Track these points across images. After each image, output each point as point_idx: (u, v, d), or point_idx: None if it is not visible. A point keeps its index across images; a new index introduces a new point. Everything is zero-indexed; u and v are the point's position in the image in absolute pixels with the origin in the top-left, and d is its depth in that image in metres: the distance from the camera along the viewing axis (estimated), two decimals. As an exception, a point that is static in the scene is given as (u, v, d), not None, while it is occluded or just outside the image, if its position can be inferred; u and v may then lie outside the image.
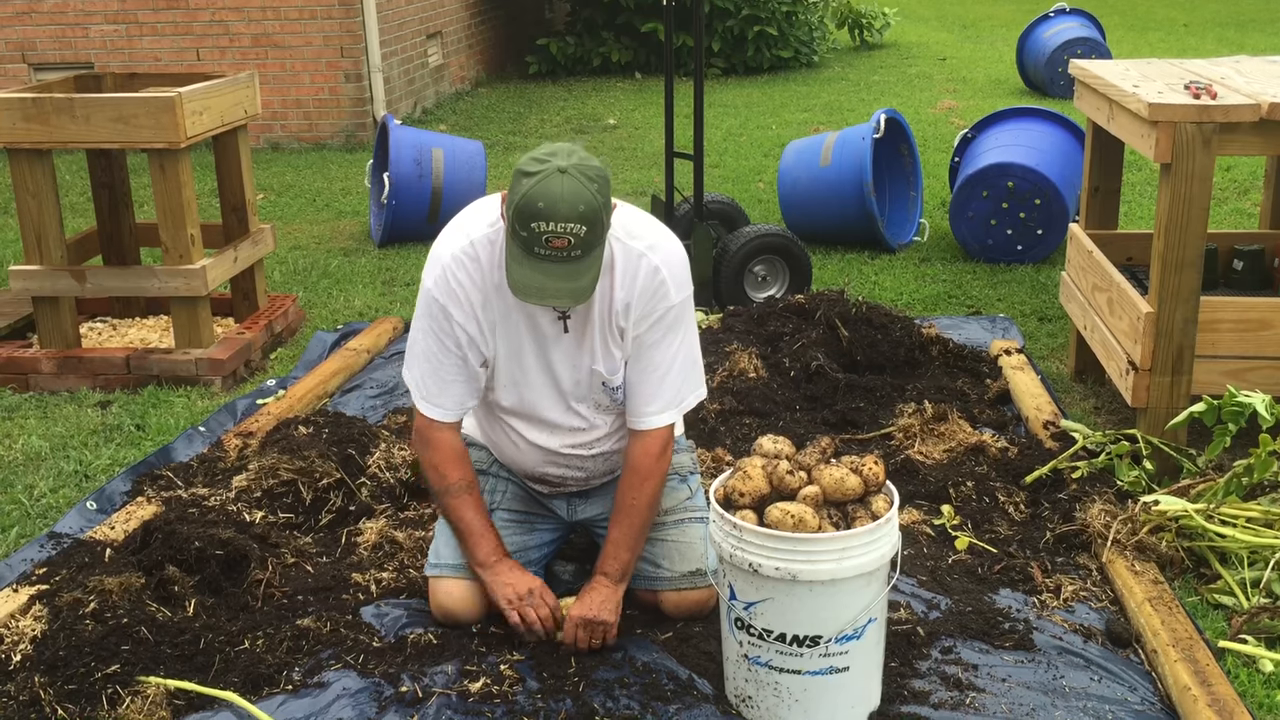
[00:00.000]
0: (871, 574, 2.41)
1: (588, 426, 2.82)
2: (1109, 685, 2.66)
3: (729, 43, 12.14)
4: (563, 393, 2.78)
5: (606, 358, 2.73)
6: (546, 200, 2.42)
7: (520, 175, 2.47)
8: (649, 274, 2.65)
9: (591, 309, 2.68)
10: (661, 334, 2.69)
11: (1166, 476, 3.48)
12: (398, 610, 2.91)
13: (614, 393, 2.78)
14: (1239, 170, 7.48)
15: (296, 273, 6.04)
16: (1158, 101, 3.39)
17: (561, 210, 2.42)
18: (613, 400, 2.80)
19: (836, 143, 6.11)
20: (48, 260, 4.54)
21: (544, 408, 2.79)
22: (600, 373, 2.73)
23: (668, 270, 2.67)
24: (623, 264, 2.66)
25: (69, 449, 4.03)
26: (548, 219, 2.43)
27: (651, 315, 2.68)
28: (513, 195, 2.47)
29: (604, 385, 2.76)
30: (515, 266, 2.49)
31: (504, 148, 8.90)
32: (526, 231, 2.45)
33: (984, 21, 16.68)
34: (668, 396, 2.73)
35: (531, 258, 2.47)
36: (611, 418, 2.85)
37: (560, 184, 2.43)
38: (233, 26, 9.09)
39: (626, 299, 2.66)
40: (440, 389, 2.74)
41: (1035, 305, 5.27)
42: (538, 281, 2.48)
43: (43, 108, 4.31)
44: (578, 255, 2.47)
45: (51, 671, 2.61)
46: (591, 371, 2.74)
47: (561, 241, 2.44)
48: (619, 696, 2.57)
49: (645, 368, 2.72)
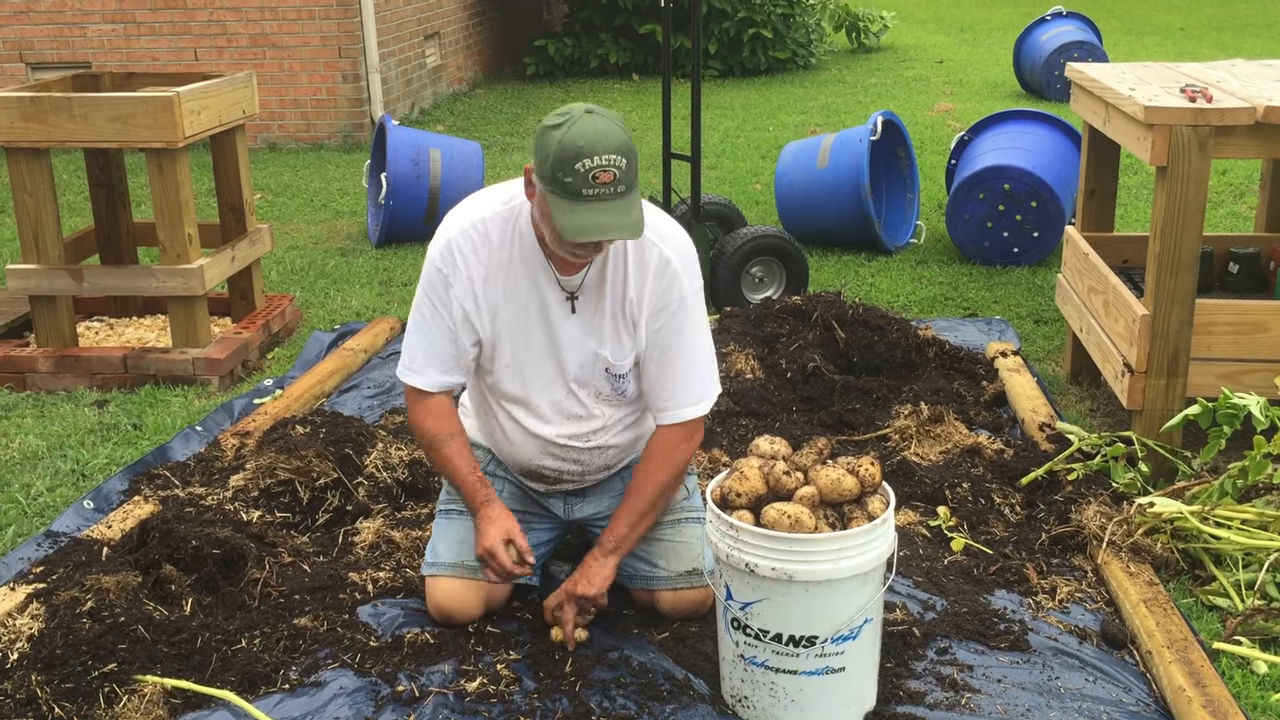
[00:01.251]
0: (867, 574, 2.42)
1: (586, 415, 2.83)
2: (1104, 686, 2.66)
3: (726, 44, 12.15)
4: (565, 377, 2.78)
5: (615, 345, 2.75)
6: (586, 138, 2.45)
7: (547, 130, 2.50)
8: (660, 264, 2.69)
9: (603, 293, 2.71)
10: (679, 325, 2.72)
11: (1162, 478, 3.49)
12: (394, 610, 2.92)
13: (616, 381, 2.79)
14: (1234, 173, 7.50)
15: (294, 273, 6.04)
16: (1154, 104, 3.40)
17: (603, 143, 2.45)
18: (614, 390, 2.81)
19: (834, 145, 6.12)
20: (45, 259, 4.54)
21: (545, 392, 2.79)
22: (605, 357, 2.75)
23: (679, 261, 2.71)
24: (635, 253, 2.70)
25: (66, 448, 4.03)
26: (592, 154, 2.44)
27: (667, 307, 2.71)
28: (544, 151, 2.49)
29: (607, 371, 2.78)
30: (566, 215, 2.48)
31: (501, 148, 8.90)
32: (572, 175, 2.45)
33: (981, 24, 16.70)
34: (696, 392, 2.77)
35: (582, 201, 2.47)
36: (610, 410, 2.85)
37: (593, 122, 2.47)
38: (230, 26, 9.09)
39: (639, 289, 2.70)
40: (428, 359, 2.76)
41: (1031, 307, 5.29)
42: (595, 220, 2.47)
43: (41, 107, 4.32)
44: (623, 191, 2.49)
45: (48, 670, 2.61)
46: (596, 355, 2.75)
47: (608, 175, 2.46)
48: (615, 696, 2.58)
49: (669, 363, 2.74)
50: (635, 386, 2.83)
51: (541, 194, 2.54)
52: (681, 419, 2.77)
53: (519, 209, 2.70)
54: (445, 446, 2.79)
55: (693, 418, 2.78)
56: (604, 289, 2.71)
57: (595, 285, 2.72)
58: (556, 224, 2.49)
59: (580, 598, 2.74)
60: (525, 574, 2.79)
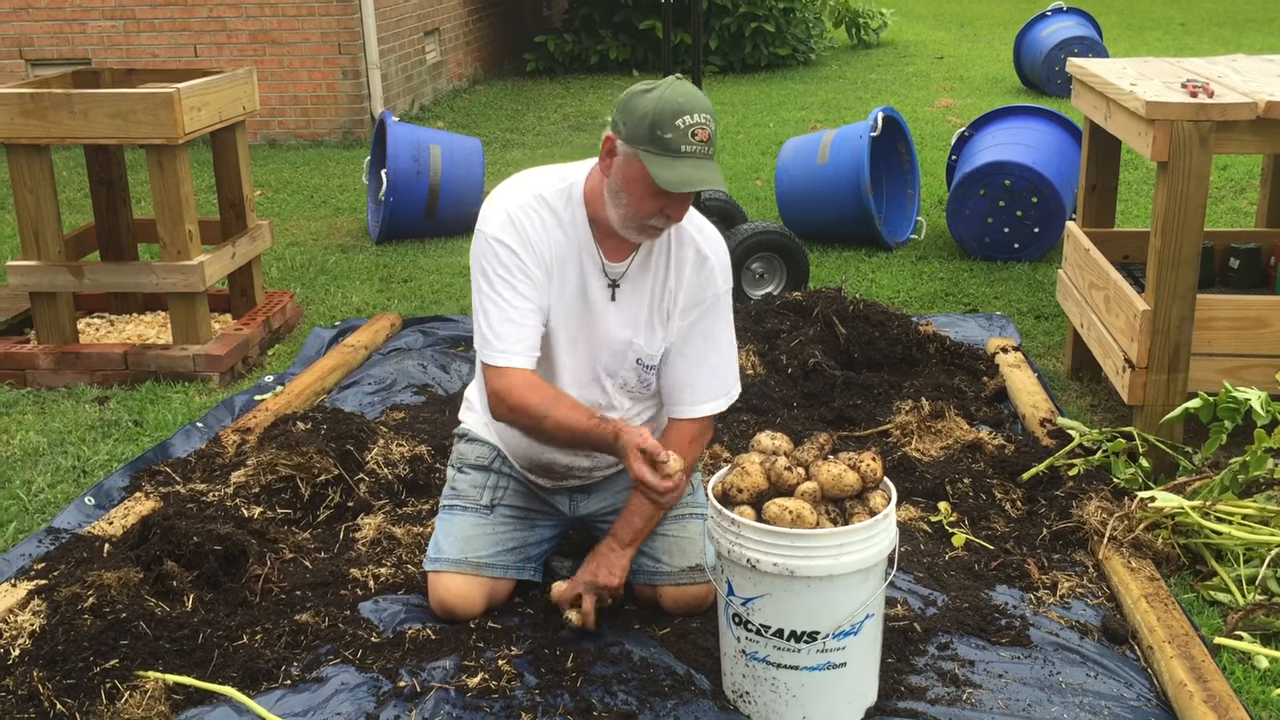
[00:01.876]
0: (869, 570, 2.42)
1: (606, 405, 2.83)
2: (1105, 681, 2.66)
3: (726, 40, 12.14)
4: (596, 364, 2.79)
5: (649, 335, 2.77)
6: (685, 96, 2.52)
7: (638, 94, 2.56)
8: (698, 260, 2.76)
9: (644, 282, 2.74)
10: (710, 322, 2.77)
11: (1163, 474, 3.49)
12: (396, 605, 2.92)
13: (643, 372, 2.81)
14: (1235, 169, 7.49)
15: (294, 269, 6.04)
16: (1155, 100, 3.40)
17: (699, 102, 2.53)
18: (640, 382, 2.82)
19: (834, 141, 6.12)
20: (45, 256, 4.54)
21: (573, 379, 2.79)
22: (640, 347, 2.77)
23: (716, 259, 2.78)
24: (676, 247, 2.75)
25: (67, 444, 4.03)
26: (692, 111, 2.50)
27: (701, 302, 2.76)
28: (638, 112, 2.53)
29: (638, 362, 2.79)
30: (665, 169, 2.51)
31: (501, 145, 8.90)
32: (672, 131, 2.50)
33: (981, 20, 16.69)
34: (716, 389, 2.81)
35: (679, 158, 2.51)
36: (630, 403, 2.86)
37: (685, 85, 2.56)
38: (230, 23, 9.08)
39: (678, 281, 2.75)
40: (514, 332, 2.63)
41: (1032, 303, 5.28)
42: (693, 174, 2.51)
43: (41, 103, 4.31)
44: (712, 154, 2.56)
45: (50, 666, 2.61)
46: (630, 344, 2.77)
47: (705, 132, 2.52)
48: (617, 692, 2.58)
49: (696, 358, 2.78)
50: (658, 381, 2.86)
51: (628, 157, 2.56)
52: (700, 414, 2.80)
53: (571, 189, 2.71)
54: (556, 408, 2.63)
55: (711, 413, 2.81)
56: (645, 278, 2.75)
57: (638, 274, 2.75)
58: (656, 177, 2.51)
59: (602, 587, 2.73)
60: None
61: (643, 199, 2.57)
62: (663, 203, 2.57)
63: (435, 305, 5.44)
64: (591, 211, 2.69)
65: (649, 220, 2.60)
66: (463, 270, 5.91)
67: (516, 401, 2.64)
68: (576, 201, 2.70)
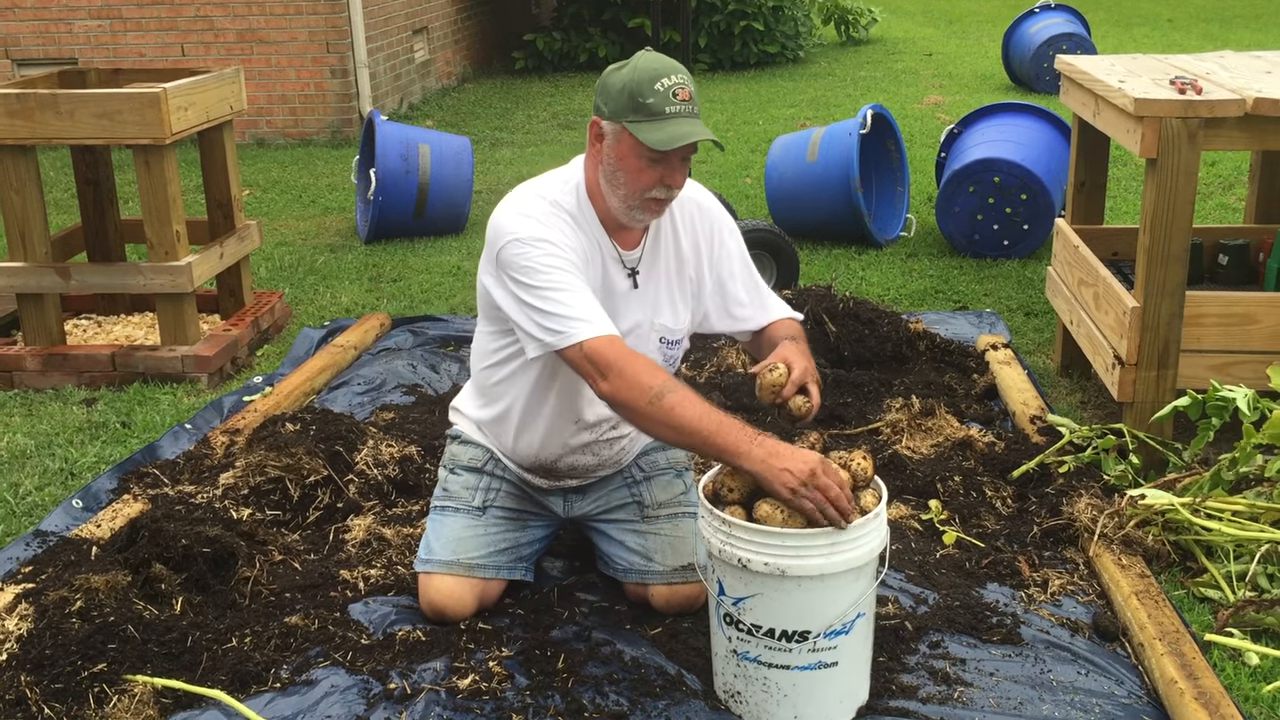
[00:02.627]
0: (860, 569, 2.41)
1: None
2: (1096, 679, 2.67)
3: (715, 38, 12.14)
4: None
5: (672, 312, 2.81)
6: (658, 62, 2.57)
7: (612, 73, 2.61)
8: (699, 212, 2.84)
9: (657, 262, 2.78)
10: (742, 256, 2.89)
11: (1152, 470, 3.50)
12: (386, 607, 2.91)
13: (666, 349, 2.83)
14: (1223, 165, 7.51)
15: (283, 269, 6.02)
16: (1143, 96, 3.40)
17: (674, 64, 2.58)
18: (664, 360, 2.82)
19: (823, 138, 6.12)
20: (32, 257, 4.52)
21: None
22: (662, 325, 2.80)
23: (708, 201, 2.88)
24: (677, 215, 2.82)
25: (54, 446, 4.01)
26: (668, 73, 2.55)
27: (721, 244, 2.86)
28: (615, 88, 2.57)
29: (661, 340, 2.81)
30: (654, 132, 2.53)
31: (491, 143, 8.88)
32: (654, 96, 2.53)
33: (969, 17, 16.71)
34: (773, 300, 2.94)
35: (665, 119, 2.54)
36: None
37: (656, 54, 2.62)
38: (218, 22, 9.05)
39: (692, 242, 2.82)
40: (593, 307, 2.53)
41: (1022, 300, 5.29)
42: (683, 130, 2.54)
43: (26, 103, 4.29)
44: (697, 112, 2.60)
45: (38, 670, 2.59)
46: (653, 324, 2.79)
47: (685, 92, 2.56)
48: (608, 692, 2.57)
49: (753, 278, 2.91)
50: (681, 352, 2.91)
51: (617, 134, 2.58)
52: (786, 314, 2.94)
53: (576, 189, 2.72)
54: (673, 393, 2.43)
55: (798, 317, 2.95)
56: (659, 258, 2.78)
57: (651, 256, 2.78)
58: (647, 141, 2.52)
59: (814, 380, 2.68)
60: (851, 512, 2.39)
61: (640, 172, 2.58)
62: (660, 171, 2.57)
63: (425, 305, 5.43)
64: (597, 206, 2.70)
65: (650, 193, 2.60)
66: (452, 269, 5.89)
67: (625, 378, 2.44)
68: (584, 199, 2.71)
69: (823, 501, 2.33)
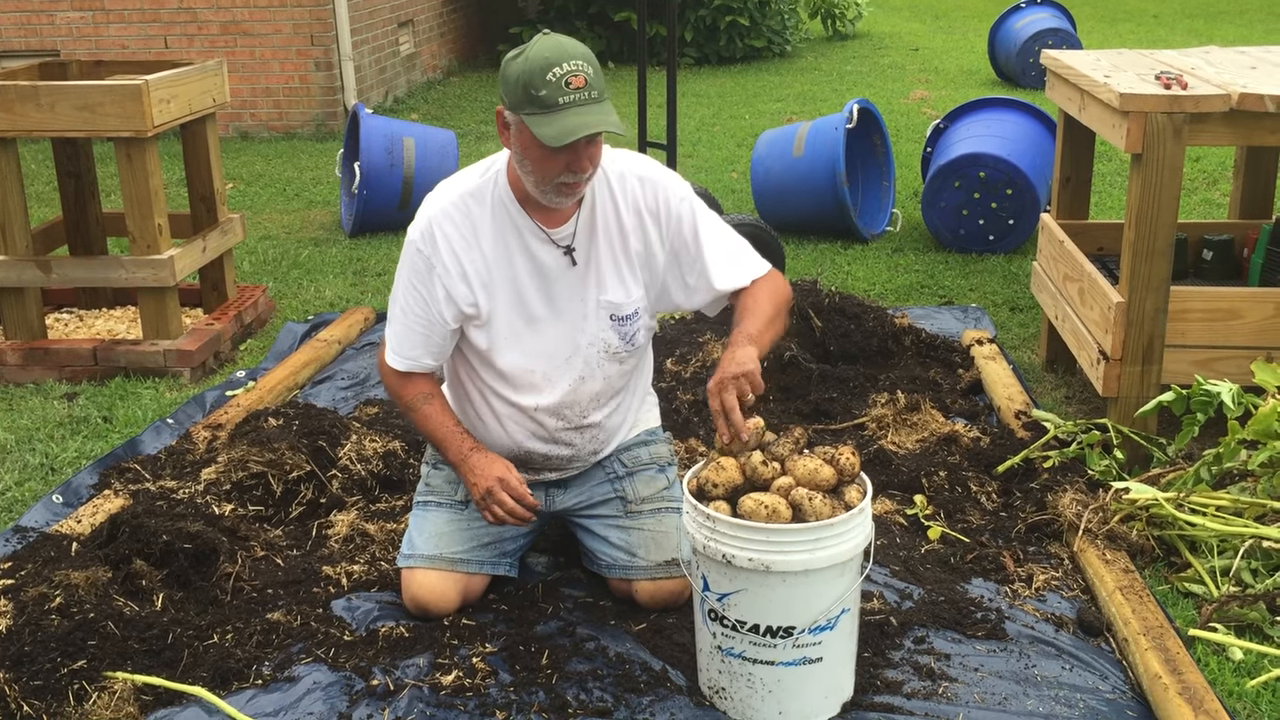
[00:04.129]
0: (845, 564, 2.41)
1: (588, 376, 2.80)
2: (1080, 674, 2.67)
3: (702, 32, 12.12)
4: (572, 335, 2.77)
5: (618, 286, 2.76)
6: (550, 50, 2.50)
7: (509, 61, 2.55)
8: (640, 186, 2.75)
9: (595, 238, 2.73)
10: (696, 223, 2.75)
11: (1137, 465, 3.50)
12: (369, 603, 2.89)
13: (620, 326, 2.78)
14: (1208, 160, 7.53)
15: (266, 263, 5.99)
16: (1129, 92, 3.40)
17: (567, 50, 2.51)
18: (620, 337, 2.79)
19: (809, 133, 6.11)
20: (12, 250, 4.48)
21: (546, 358, 2.76)
22: (609, 301, 2.76)
23: (656, 175, 2.77)
24: (617, 190, 2.74)
25: (35, 441, 3.98)
26: (560, 61, 2.48)
27: (670, 212, 2.75)
28: (511, 78, 2.53)
29: (611, 318, 2.77)
30: (546, 126, 2.48)
31: (476, 137, 8.85)
32: (545, 88, 2.48)
33: (955, 12, 16.73)
34: (752, 261, 2.80)
35: (559, 110, 2.49)
36: (614, 367, 2.82)
37: (552, 38, 2.54)
38: (201, 14, 9.00)
39: (634, 214, 2.74)
40: (409, 341, 2.79)
41: (1007, 295, 5.29)
42: (576, 121, 2.49)
43: (6, 95, 4.25)
44: (597, 96, 2.52)
45: (17, 667, 2.56)
46: (599, 302, 2.75)
47: (580, 79, 2.49)
48: (592, 688, 2.56)
49: (714, 250, 2.76)
50: (644, 332, 2.84)
51: (517, 125, 2.55)
52: (757, 274, 2.78)
53: (496, 176, 2.72)
54: (426, 404, 2.82)
55: (766, 271, 2.80)
56: (595, 233, 2.74)
57: (587, 231, 2.73)
58: (540, 136, 2.49)
59: (737, 376, 2.51)
60: (529, 518, 2.78)
61: (543, 161, 2.56)
62: (566, 158, 2.54)
63: (409, 299, 5.40)
64: (517, 190, 2.70)
65: (559, 179, 2.58)
66: (437, 263, 5.87)
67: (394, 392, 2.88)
68: (503, 186, 2.71)
69: (499, 515, 2.74)
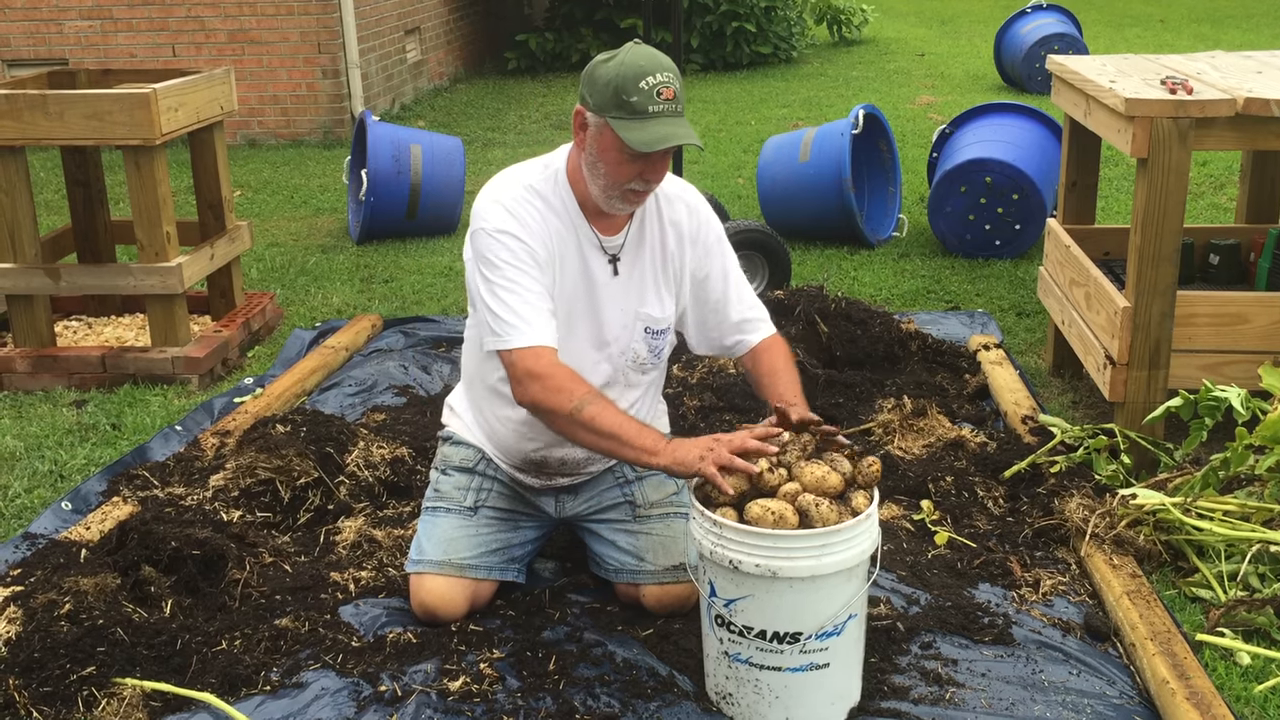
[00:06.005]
0: (852, 570, 2.41)
1: (611, 383, 2.82)
2: (1088, 679, 2.66)
3: (708, 39, 12.13)
4: (604, 341, 2.79)
5: (656, 302, 2.82)
6: (646, 58, 2.55)
7: (599, 64, 2.60)
8: (689, 213, 2.85)
9: (642, 251, 2.79)
10: (727, 260, 2.90)
11: (1144, 470, 3.50)
12: (377, 609, 2.90)
13: (652, 340, 2.83)
14: (1214, 165, 7.52)
15: (274, 270, 6.00)
16: (1134, 96, 3.40)
17: (661, 62, 2.56)
18: (649, 350, 2.84)
19: (815, 138, 6.11)
20: (21, 258, 4.50)
21: (578, 357, 2.76)
22: (647, 315, 2.81)
23: (702, 206, 2.89)
24: (666, 211, 2.82)
25: (44, 449, 3.99)
26: (654, 71, 2.53)
27: (709, 248, 2.87)
28: (601, 81, 2.57)
29: (645, 331, 2.82)
30: (636, 131, 2.54)
31: (483, 144, 8.87)
32: (638, 94, 2.52)
33: (962, 17, 16.73)
34: (762, 311, 2.95)
35: (648, 119, 2.54)
36: (638, 377, 2.87)
37: (645, 48, 2.59)
38: (209, 22, 9.03)
39: (676, 236, 2.83)
40: (534, 313, 2.61)
41: (1013, 300, 5.29)
42: (665, 131, 2.54)
43: (15, 104, 4.27)
44: (680, 110, 2.58)
45: (26, 674, 2.58)
46: (637, 314, 2.80)
47: (670, 91, 2.55)
48: (599, 694, 2.57)
49: (738, 289, 2.93)
50: (669, 347, 2.91)
51: (600, 127, 2.59)
52: (769, 332, 2.94)
53: (556, 175, 2.75)
54: (595, 403, 2.54)
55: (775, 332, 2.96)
56: (643, 247, 2.79)
57: (635, 244, 2.79)
58: (629, 141, 2.52)
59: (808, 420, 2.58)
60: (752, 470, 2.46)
61: (619, 165, 2.59)
62: (640, 166, 2.59)
63: (416, 306, 5.42)
64: (577, 191, 2.72)
65: (629, 185, 2.62)
66: (444, 270, 5.88)
67: (544, 389, 2.55)
68: (563, 185, 2.73)
69: (726, 458, 2.44)
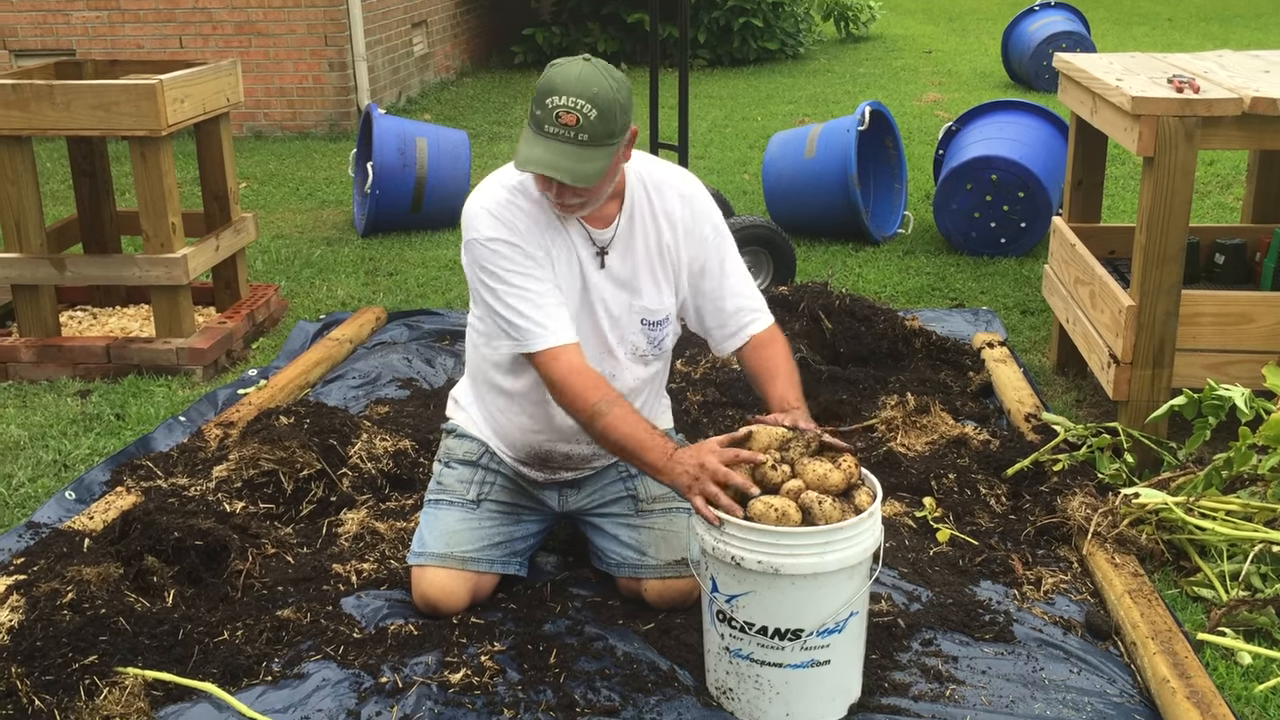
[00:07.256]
0: (854, 567, 2.41)
1: (613, 376, 2.82)
2: (1088, 677, 2.66)
3: (715, 34, 12.12)
4: (602, 334, 2.79)
5: (653, 293, 2.81)
6: (563, 78, 2.52)
7: (548, 67, 2.59)
8: (683, 202, 2.81)
9: (633, 244, 2.77)
10: (726, 249, 2.85)
11: (1147, 469, 3.50)
12: (378, 601, 2.90)
13: (650, 331, 2.82)
14: (1221, 164, 7.51)
15: (279, 262, 6.01)
16: (1141, 95, 3.39)
17: (575, 87, 2.51)
18: (649, 342, 2.83)
19: (821, 135, 6.11)
20: (27, 248, 4.51)
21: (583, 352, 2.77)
22: (645, 306, 2.80)
23: (696, 192, 2.84)
24: (658, 202, 2.79)
25: (48, 438, 4.00)
26: (561, 93, 2.50)
27: (705, 237, 2.82)
28: (538, 85, 2.57)
29: (643, 323, 2.81)
30: (524, 144, 2.54)
31: (489, 137, 8.87)
32: (541, 109, 2.52)
33: (969, 15, 16.70)
34: (760, 301, 2.89)
35: (542, 136, 2.53)
36: (641, 369, 2.86)
37: (580, 68, 2.54)
38: (216, 14, 9.03)
39: (671, 229, 2.80)
40: (545, 314, 2.63)
41: (1018, 298, 5.29)
42: (542, 155, 2.52)
43: (22, 94, 4.28)
44: (584, 140, 2.51)
45: (29, 662, 2.58)
46: (631, 305, 2.79)
47: (571, 117, 2.50)
48: (600, 688, 2.57)
49: (735, 280, 2.86)
50: (671, 338, 2.89)
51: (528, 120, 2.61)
52: (766, 323, 2.88)
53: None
54: (617, 406, 2.57)
55: (772, 322, 2.90)
56: (635, 239, 2.77)
57: (626, 237, 2.77)
58: (518, 151, 2.54)
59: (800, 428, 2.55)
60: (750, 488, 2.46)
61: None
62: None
63: (421, 299, 5.42)
64: None
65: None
66: (449, 263, 5.88)
67: (569, 392, 2.59)
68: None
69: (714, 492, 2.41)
